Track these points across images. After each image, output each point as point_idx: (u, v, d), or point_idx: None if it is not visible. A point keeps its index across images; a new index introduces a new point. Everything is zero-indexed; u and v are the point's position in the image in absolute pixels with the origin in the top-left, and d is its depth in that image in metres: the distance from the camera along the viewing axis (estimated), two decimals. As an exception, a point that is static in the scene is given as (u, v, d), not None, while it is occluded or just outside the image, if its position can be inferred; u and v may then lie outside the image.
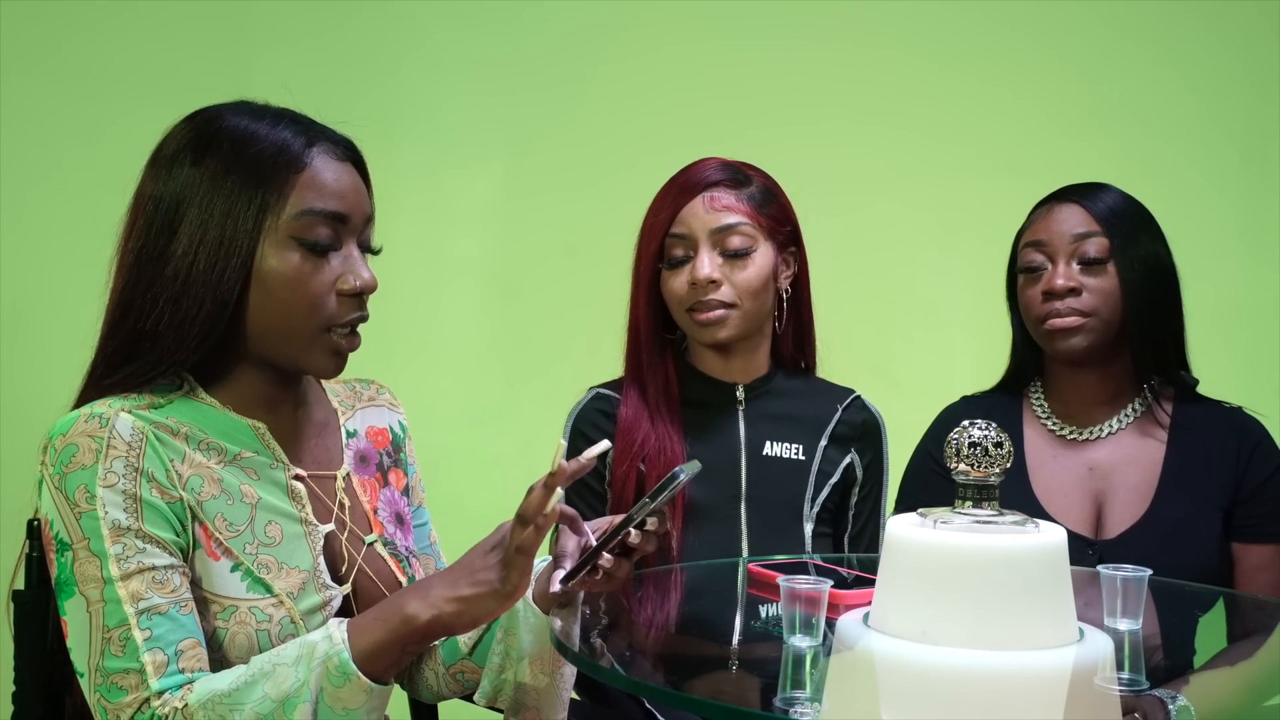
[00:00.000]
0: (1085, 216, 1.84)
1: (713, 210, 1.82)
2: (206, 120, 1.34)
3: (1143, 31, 2.75)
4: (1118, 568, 1.30)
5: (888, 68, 2.80)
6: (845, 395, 1.94)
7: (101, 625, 1.23)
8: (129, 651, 1.22)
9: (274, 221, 1.29)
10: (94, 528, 1.23)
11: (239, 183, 1.29)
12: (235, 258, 1.29)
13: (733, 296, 1.82)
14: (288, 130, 1.33)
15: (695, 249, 1.82)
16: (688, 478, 1.27)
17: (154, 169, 1.33)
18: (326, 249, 1.32)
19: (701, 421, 1.87)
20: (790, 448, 1.87)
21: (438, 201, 2.81)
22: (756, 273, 1.83)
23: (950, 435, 1.17)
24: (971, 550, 1.11)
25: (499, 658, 1.42)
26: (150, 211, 1.31)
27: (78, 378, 1.35)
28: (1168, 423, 1.86)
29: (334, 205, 1.32)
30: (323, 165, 1.33)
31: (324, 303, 1.32)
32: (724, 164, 1.87)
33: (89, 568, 1.23)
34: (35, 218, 2.62)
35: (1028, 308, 1.88)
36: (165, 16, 2.69)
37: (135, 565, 1.23)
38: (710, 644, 1.46)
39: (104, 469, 1.24)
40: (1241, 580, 1.81)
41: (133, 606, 1.22)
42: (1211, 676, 1.37)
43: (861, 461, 1.91)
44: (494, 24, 2.85)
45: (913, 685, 1.10)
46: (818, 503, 1.87)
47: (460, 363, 2.81)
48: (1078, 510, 1.84)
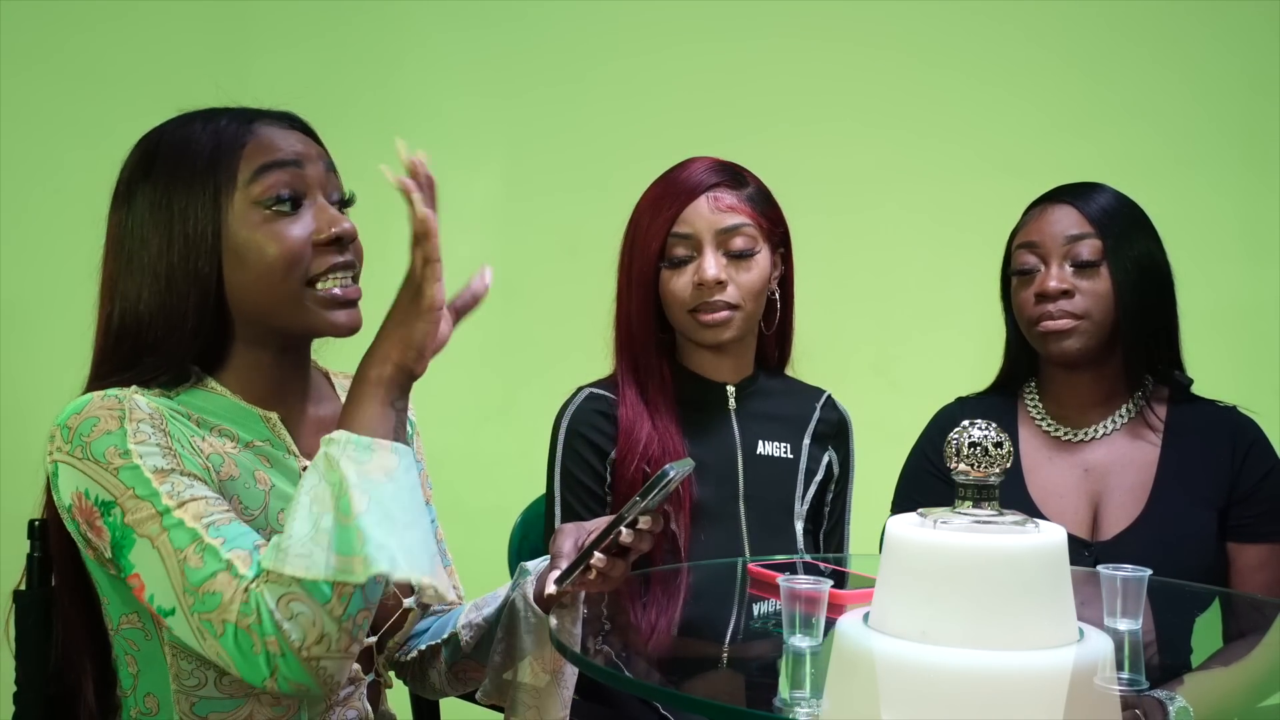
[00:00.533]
0: (1078, 218, 1.83)
1: (717, 210, 1.81)
2: (148, 140, 1.37)
3: (1143, 31, 2.76)
4: (1117, 567, 1.30)
5: (887, 68, 2.80)
6: (819, 394, 1.95)
7: (173, 551, 1.19)
8: (209, 559, 1.18)
9: (230, 197, 1.30)
10: (136, 476, 1.22)
11: (189, 176, 1.31)
12: (204, 244, 1.29)
13: (737, 298, 1.81)
14: (224, 118, 1.35)
15: (699, 249, 1.81)
16: (679, 476, 1.26)
17: (115, 203, 1.36)
18: (293, 204, 1.32)
19: (697, 421, 1.86)
20: (780, 447, 1.88)
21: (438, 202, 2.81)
22: (759, 274, 1.83)
23: (950, 435, 1.17)
24: (971, 550, 1.11)
25: (500, 657, 1.42)
26: (120, 237, 1.33)
27: (78, 377, 1.35)
28: (1162, 423, 1.86)
29: (285, 155, 1.33)
30: (266, 132, 1.34)
31: (300, 257, 1.31)
32: (719, 164, 1.86)
33: (141, 512, 1.21)
34: (35, 218, 2.62)
35: (1020, 309, 1.88)
36: (165, 16, 2.69)
37: (188, 495, 1.22)
38: (710, 644, 1.46)
39: (131, 429, 1.24)
40: (1237, 580, 1.82)
41: (198, 524, 1.20)
42: (1209, 676, 1.37)
43: (837, 458, 1.93)
44: (494, 24, 2.86)
45: (913, 685, 1.10)
46: (806, 500, 1.87)
47: (460, 363, 2.80)
48: (1074, 512, 1.84)
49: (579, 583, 1.30)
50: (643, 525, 1.29)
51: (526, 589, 1.41)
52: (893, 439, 2.00)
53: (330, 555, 1.14)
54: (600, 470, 1.83)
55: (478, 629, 1.47)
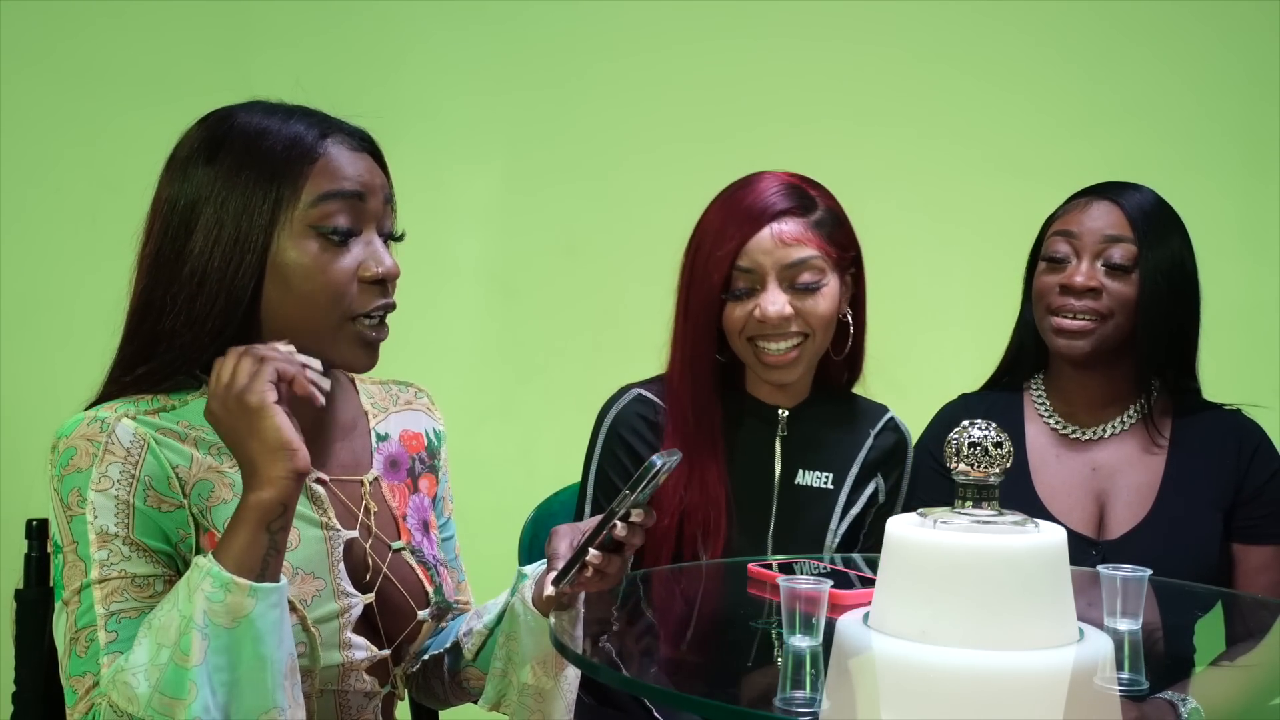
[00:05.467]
0: (1121, 219, 1.80)
1: (782, 245, 1.72)
2: (219, 120, 1.33)
3: (1143, 31, 2.76)
4: (1118, 568, 1.30)
5: (888, 68, 2.80)
6: (878, 417, 1.89)
7: (72, 626, 1.22)
8: (90, 654, 1.21)
9: (290, 213, 1.28)
10: (82, 532, 1.22)
11: (253, 177, 1.28)
12: (251, 253, 1.27)
13: (804, 327, 1.75)
14: (300, 123, 1.32)
15: (763, 284, 1.73)
16: (666, 467, 1.26)
17: (169, 173, 1.32)
18: (346, 236, 1.30)
19: (739, 445, 1.81)
20: (821, 476, 1.82)
21: (438, 201, 2.81)
22: (828, 305, 1.76)
23: (950, 435, 1.17)
24: (971, 550, 1.11)
25: (501, 662, 1.42)
26: (166, 214, 1.30)
27: (78, 377, 1.35)
28: (1168, 425, 1.86)
29: (351, 185, 1.31)
30: (337, 154, 1.31)
31: (345, 292, 1.30)
32: (789, 187, 1.76)
33: (74, 571, 1.23)
34: (35, 218, 2.62)
35: (1041, 295, 1.85)
36: (165, 16, 2.69)
37: (116, 572, 1.22)
38: (710, 644, 1.46)
39: (98, 473, 1.23)
40: (1242, 581, 1.82)
41: (104, 608, 1.21)
42: (1215, 676, 1.37)
43: (885, 485, 1.87)
44: (494, 24, 2.85)
45: (913, 685, 1.10)
46: (838, 535, 1.83)
47: (460, 363, 2.81)
48: (1080, 511, 1.84)
49: (577, 582, 1.30)
50: (635, 519, 1.28)
51: (525, 593, 1.40)
52: (892, 438, 1.99)
53: (155, 694, 1.15)
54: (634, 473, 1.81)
55: (478, 636, 1.47)
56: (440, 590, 1.43)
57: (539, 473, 1.86)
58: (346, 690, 1.35)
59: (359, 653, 1.34)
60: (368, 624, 1.36)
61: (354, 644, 1.33)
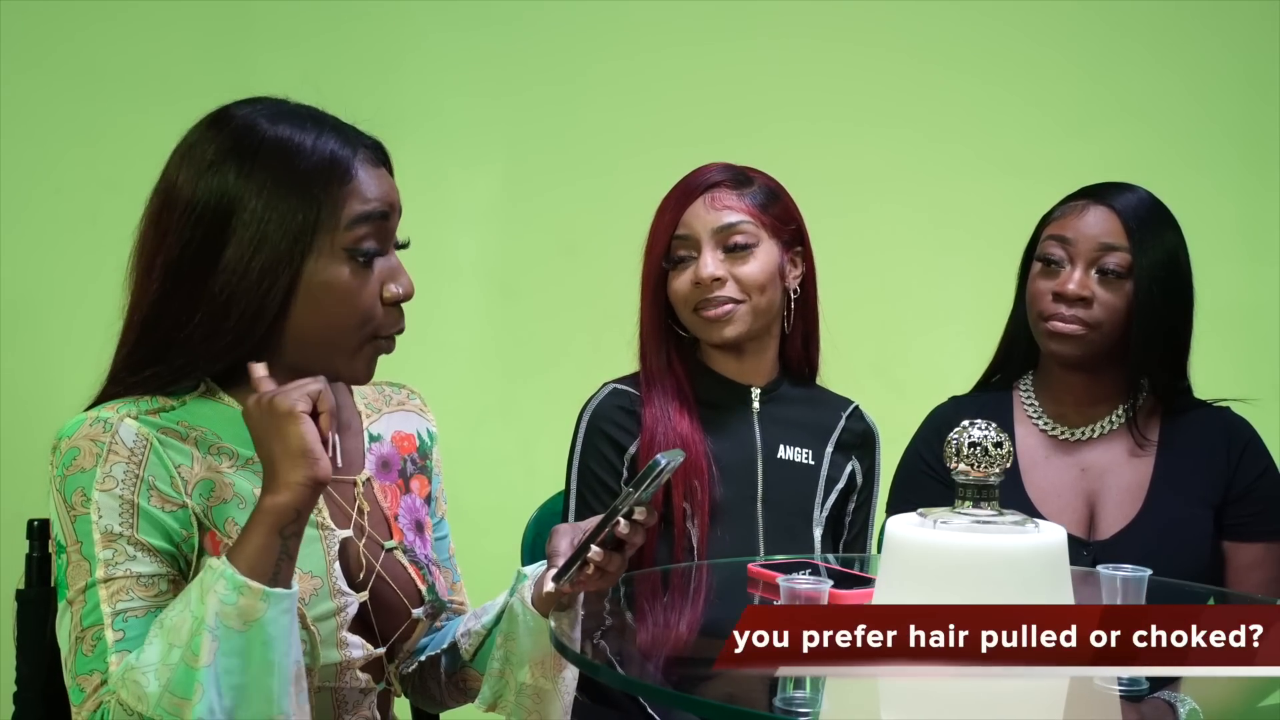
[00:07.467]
0: (1117, 226, 1.79)
1: (713, 210, 1.82)
2: (247, 128, 1.30)
3: (1143, 31, 2.76)
4: (1117, 567, 1.30)
5: (888, 68, 2.80)
6: (846, 405, 1.94)
7: (78, 625, 1.22)
8: (98, 653, 1.21)
9: (328, 236, 1.28)
10: (86, 531, 1.23)
11: (292, 196, 1.27)
12: (285, 273, 1.26)
13: (738, 291, 1.81)
14: (332, 140, 1.31)
15: (698, 249, 1.82)
16: (670, 466, 1.26)
17: (189, 172, 1.28)
18: (372, 257, 1.31)
19: (718, 421, 1.86)
20: (801, 452, 1.87)
21: (438, 201, 2.81)
22: (760, 266, 1.82)
23: (950, 435, 1.17)
24: (971, 550, 1.11)
25: (499, 663, 1.42)
26: (191, 221, 1.27)
27: (78, 378, 1.34)
28: (1156, 425, 1.86)
29: (379, 206, 1.31)
30: (365, 174, 1.32)
31: (374, 314, 1.31)
32: (726, 166, 1.87)
33: (78, 571, 1.23)
34: (35, 218, 2.62)
35: (1034, 298, 1.85)
36: (165, 16, 2.69)
37: (122, 571, 1.22)
38: (710, 644, 1.46)
39: (103, 473, 1.23)
40: (1233, 579, 1.82)
41: (110, 607, 1.22)
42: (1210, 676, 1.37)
43: (861, 469, 1.92)
44: (494, 24, 2.85)
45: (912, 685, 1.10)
46: (826, 507, 1.87)
47: (460, 363, 2.81)
48: (1071, 511, 1.84)
49: (578, 580, 1.30)
50: (637, 517, 1.28)
51: (524, 593, 1.40)
52: (893, 439, 2.00)
53: (165, 693, 1.16)
54: (618, 466, 1.83)
55: (476, 636, 1.47)
56: (433, 589, 1.43)
57: (539, 473, 1.86)
58: (343, 687, 1.36)
59: (355, 651, 1.35)
60: (362, 623, 1.36)
61: (350, 643, 1.34)
